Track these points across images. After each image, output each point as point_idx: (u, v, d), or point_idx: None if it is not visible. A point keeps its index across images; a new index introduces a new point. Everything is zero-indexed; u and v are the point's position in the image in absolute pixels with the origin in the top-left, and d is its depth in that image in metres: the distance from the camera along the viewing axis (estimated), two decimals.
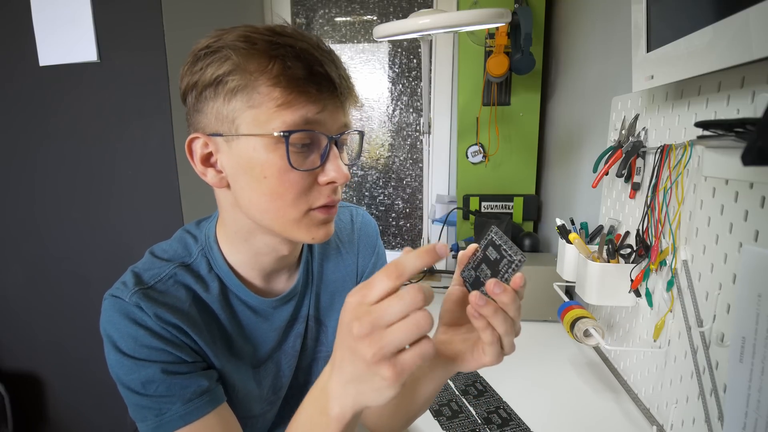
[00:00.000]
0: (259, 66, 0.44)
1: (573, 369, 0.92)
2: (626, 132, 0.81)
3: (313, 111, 0.45)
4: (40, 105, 1.09)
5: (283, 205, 0.48)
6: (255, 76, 0.44)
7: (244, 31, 0.45)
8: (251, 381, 0.59)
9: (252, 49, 0.44)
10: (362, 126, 1.78)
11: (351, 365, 0.35)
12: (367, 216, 0.70)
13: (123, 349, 0.48)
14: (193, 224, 0.60)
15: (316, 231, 0.51)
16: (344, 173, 0.48)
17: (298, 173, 0.47)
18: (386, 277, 0.34)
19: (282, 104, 0.44)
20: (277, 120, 0.45)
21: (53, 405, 1.28)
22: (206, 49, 0.46)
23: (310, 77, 0.45)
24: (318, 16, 1.72)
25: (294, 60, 0.44)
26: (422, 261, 0.34)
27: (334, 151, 0.48)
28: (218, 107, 0.46)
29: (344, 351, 0.35)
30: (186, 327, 0.50)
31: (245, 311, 0.57)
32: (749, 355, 0.43)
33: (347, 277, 0.66)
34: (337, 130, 0.49)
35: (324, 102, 0.46)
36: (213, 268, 0.55)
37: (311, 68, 0.45)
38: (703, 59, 0.51)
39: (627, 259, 0.75)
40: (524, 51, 1.26)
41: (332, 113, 0.47)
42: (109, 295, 0.50)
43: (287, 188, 0.47)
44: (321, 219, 0.50)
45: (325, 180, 0.48)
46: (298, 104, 0.45)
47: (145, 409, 0.48)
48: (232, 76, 0.45)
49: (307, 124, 0.46)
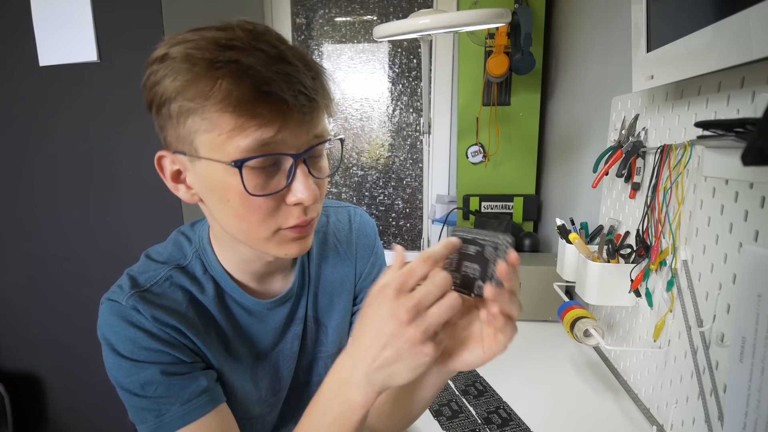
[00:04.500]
0: (203, 90, 0.40)
1: (573, 369, 0.92)
2: (626, 132, 0.80)
3: (268, 133, 0.41)
4: (40, 105, 1.09)
5: (250, 227, 0.46)
6: (199, 101, 0.41)
7: (186, 47, 0.41)
8: (248, 382, 0.59)
9: (192, 72, 0.40)
10: (362, 126, 1.78)
11: (393, 349, 0.38)
12: (365, 216, 0.70)
13: (121, 351, 0.47)
14: (187, 226, 0.59)
15: (288, 248, 0.49)
16: (312, 193, 0.45)
17: (260, 198, 0.44)
18: (423, 262, 0.39)
19: (233, 129, 0.41)
20: (231, 146, 0.42)
21: (53, 405, 1.28)
22: (156, 63, 0.43)
23: (259, 97, 0.40)
24: (318, 16, 1.72)
25: (239, 79, 0.40)
26: (447, 250, 0.41)
27: (301, 169, 0.45)
28: (175, 127, 0.44)
29: (384, 338, 0.38)
30: (183, 328, 0.50)
31: (240, 312, 0.57)
32: (749, 355, 0.43)
33: (346, 278, 0.66)
34: (304, 145, 0.45)
35: (280, 122, 0.42)
36: (207, 270, 0.55)
37: (258, 89, 0.40)
38: (703, 59, 0.51)
39: (627, 259, 0.75)
40: (524, 51, 1.26)
41: (293, 131, 0.43)
42: (106, 299, 0.50)
43: (251, 211, 0.45)
44: (292, 237, 0.48)
45: (293, 201, 0.45)
46: (249, 128, 0.41)
47: (145, 411, 0.48)
48: (178, 100, 0.42)
49: (264, 146, 0.42)
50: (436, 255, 0.40)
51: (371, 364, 0.39)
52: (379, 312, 0.39)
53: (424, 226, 1.52)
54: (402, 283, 0.39)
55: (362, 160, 1.81)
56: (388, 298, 0.38)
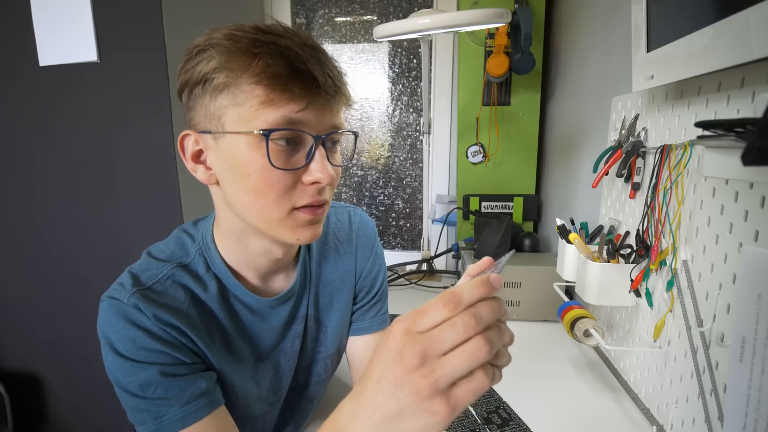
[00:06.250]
0: (242, 64, 0.44)
1: (573, 369, 0.92)
2: (626, 132, 0.80)
3: (295, 109, 0.45)
4: (40, 105, 1.09)
5: (266, 204, 0.48)
6: (238, 74, 0.44)
7: (230, 30, 0.46)
8: (250, 381, 0.59)
9: (235, 47, 0.44)
10: (362, 126, 1.78)
11: (395, 399, 0.31)
12: (365, 216, 0.70)
13: (121, 351, 0.47)
14: (190, 224, 0.60)
15: (301, 232, 0.50)
16: (329, 174, 0.48)
17: (280, 172, 0.46)
18: (443, 305, 0.32)
19: (264, 102, 0.44)
20: (260, 118, 0.45)
21: (53, 405, 1.28)
22: (197, 47, 0.46)
23: (292, 74, 0.44)
24: (318, 16, 1.72)
25: (276, 57, 0.44)
26: (479, 292, 0.32)
27: (320, 151, 0.48)
28: (206, 105, 0.47)
29: (386, 384, 0.32)
30: (185, 328, 0.50)
31: (243, 310, 0.57)
32: (749, 355, 0.43)
33: (346, 277, 0.66)
34: (324, 130, 0.48)
35: (308, 100, 0.45)
36: (210, 268, 0.55)
37: (293, 65, 0.44)
38: (703, 59, 0.51)
39: (627, 259, 0.75)
40: (524, 51, 1.26)
41: (317, 112, 0.47)
42: (107, 296, 0.50)
43: (270, 186, 0.47)
44: (306, 220, 0.50)
45: (310, 180, 0.48)
46: (279, 102, 0.44)
47: (144, 412, 0.48)
48: (216, 73, 0.45)
49: (290, 123, 0.45)
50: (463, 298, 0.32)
51: (371, 416, 0.32)
52: (385, 351, 0.33)
53: (424, 226, 1.52)
54: (413, 321, 0.32)
55: (362, 160, 1.81)
56: (396, 335, 0.32)
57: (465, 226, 1.53)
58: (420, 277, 1.44)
